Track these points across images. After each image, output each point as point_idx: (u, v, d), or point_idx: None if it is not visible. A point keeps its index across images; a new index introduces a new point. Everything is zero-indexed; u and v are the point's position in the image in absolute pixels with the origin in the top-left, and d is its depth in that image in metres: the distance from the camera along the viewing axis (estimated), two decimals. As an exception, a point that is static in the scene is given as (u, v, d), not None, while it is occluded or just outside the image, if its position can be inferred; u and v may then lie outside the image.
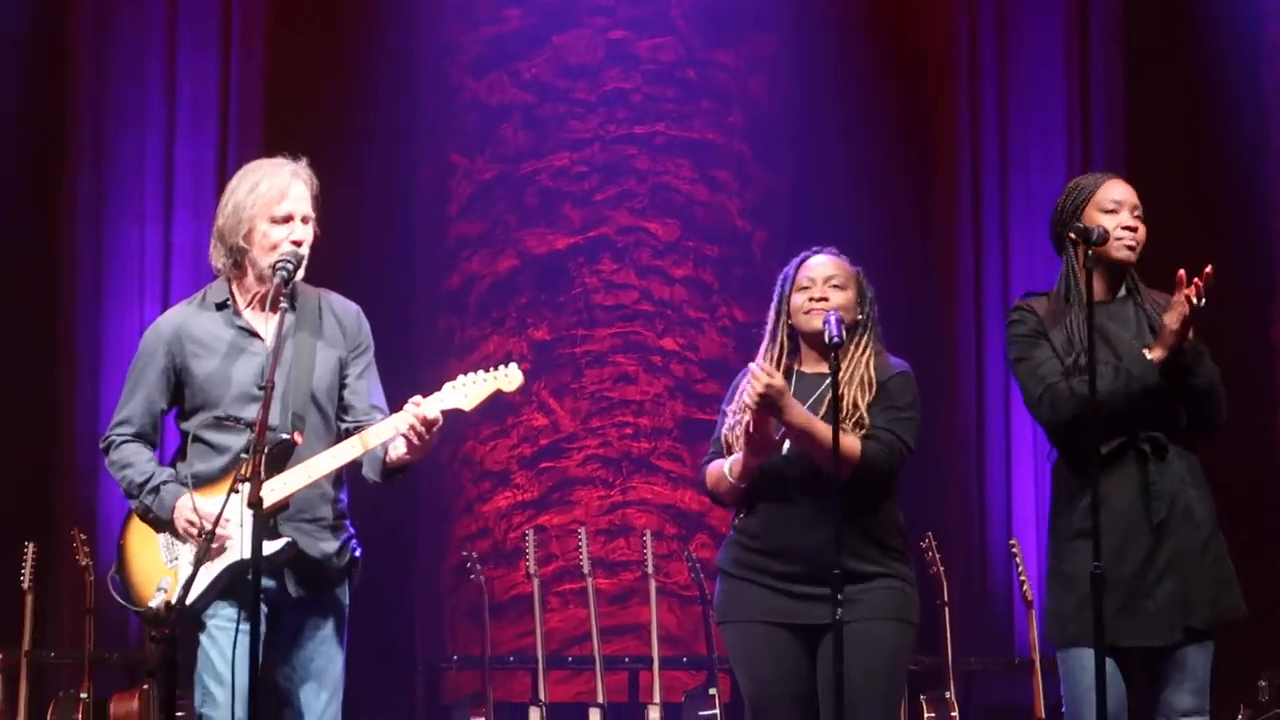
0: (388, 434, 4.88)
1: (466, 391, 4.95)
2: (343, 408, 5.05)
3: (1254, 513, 8.80)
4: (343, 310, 5.12)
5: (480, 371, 5.00)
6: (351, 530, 5.08)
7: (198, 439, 4.95)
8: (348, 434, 5.01)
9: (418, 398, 4.91)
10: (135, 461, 4.97)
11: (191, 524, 4.82)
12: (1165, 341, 4.99)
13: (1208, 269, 4.92)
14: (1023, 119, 9.78)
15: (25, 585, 8.37)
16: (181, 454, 4.99)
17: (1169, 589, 5.00)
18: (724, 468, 5.08)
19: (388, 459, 4.97)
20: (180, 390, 5.00)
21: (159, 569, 4.89)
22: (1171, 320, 4.98)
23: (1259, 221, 9.55)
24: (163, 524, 4.90)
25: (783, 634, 5.03)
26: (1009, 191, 9.72)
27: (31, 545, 8.44)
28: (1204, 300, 4.90)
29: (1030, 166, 9.70)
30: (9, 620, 8.37)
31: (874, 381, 5.08)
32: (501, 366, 4.99)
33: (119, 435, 5.02)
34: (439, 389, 4.93)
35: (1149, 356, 5.01)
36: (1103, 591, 4.85)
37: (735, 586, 5.10)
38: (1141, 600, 5.02)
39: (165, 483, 4.91)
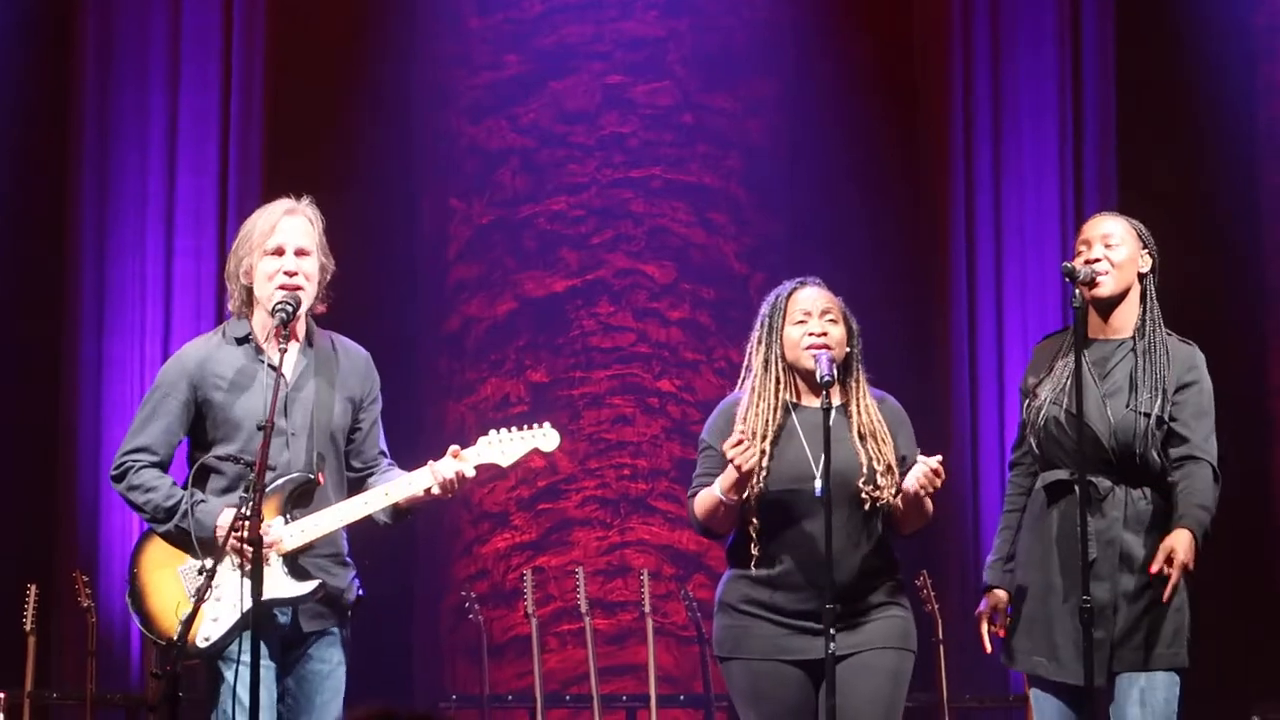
0: (425, 482, 4.96)
1: (504, 449, 5.05)
2: (352, 452, 5.12)
3: (1246, 554, 8.85)
4: (356, 355, 5.20)
5: (515, 429, 5.08)
6: (354, 568, 5.15)
7: (215, 470, 4.99)
8: (357, 477, 5.09)
9: (455, 447, 5.02)
10: (159, 486, 4.96)
11: (240, 538, 4.74)
12: None
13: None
14: (1016, 161, 9.83)
15: (28, 627, 8.42)
16: (193, 484, 4.98)
17: (1097, 630, 4.98)
18: (714, 489, 4.99)
19: (401, 501, 5.03)
20: (198, 422, 5.04)
21: (181, 602, 4.88)
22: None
23: (1254, 264, 9.59)
24: (202, 545, 4.86)
25: (789, 669, 5.03)
26: (1003, 237, 9.78)
27: (33, 587, 8.49)
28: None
29: (1025, 208, 9.78)
30: (12, 661, 8.41)
31: (883, 422, 5.10)
32: (538, 426, 5.09)
33: (136, 461, 4.99)
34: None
35: None
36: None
37: (740, 621, 5.07)
38: (1064, 638, 5.07)
39: (199, 503, 4.91)
